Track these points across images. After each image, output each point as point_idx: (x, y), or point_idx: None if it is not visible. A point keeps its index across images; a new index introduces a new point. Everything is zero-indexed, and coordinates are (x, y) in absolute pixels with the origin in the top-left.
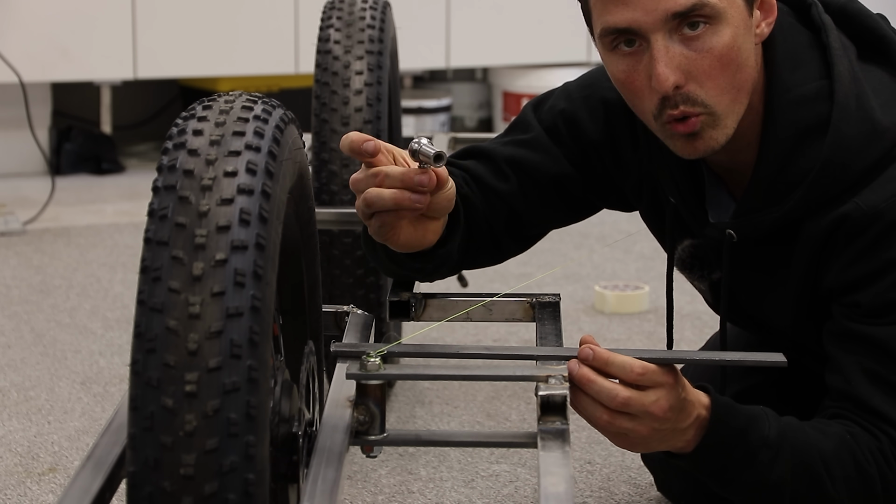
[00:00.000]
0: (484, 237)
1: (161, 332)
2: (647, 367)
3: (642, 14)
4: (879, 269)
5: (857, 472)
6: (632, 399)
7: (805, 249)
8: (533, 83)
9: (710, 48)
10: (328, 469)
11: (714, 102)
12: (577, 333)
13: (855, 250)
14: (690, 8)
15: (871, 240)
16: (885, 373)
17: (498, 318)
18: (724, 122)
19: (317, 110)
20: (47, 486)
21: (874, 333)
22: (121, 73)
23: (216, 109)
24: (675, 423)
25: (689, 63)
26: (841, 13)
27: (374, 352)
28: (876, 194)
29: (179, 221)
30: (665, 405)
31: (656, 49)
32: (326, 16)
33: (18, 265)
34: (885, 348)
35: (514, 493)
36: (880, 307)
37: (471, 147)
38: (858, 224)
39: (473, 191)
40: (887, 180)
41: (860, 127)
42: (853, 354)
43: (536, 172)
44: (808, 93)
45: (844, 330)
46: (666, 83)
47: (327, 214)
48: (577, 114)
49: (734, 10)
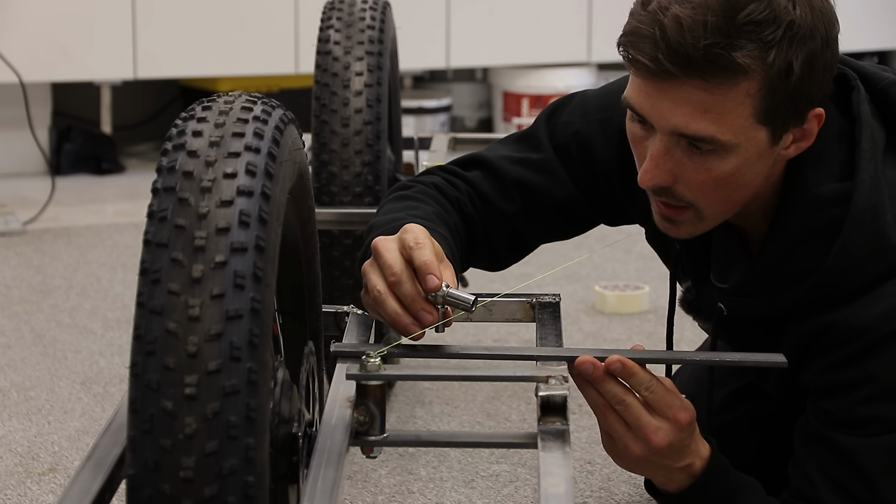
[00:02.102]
0: (483, 249)
1: (161, 335)
2: (658, 387)
3: (656, 117)
4: (854, 381)
5: None
6: (641, 418)
7: (789, 343)
8: (533, 83)
9: (709, 169)
10: (328, 470)
11: (702, 207)
12: (577, 333)
13: (834, 358)
14: (698, 139)
15: (852, 353)
16: (847, 485)
17: (498, 319)
18: (708, 222)
19: (317, 111)
20: (47, 486)
21: (844, 443)
22: (121, 73)
23: (215, 110)
24: (668, 461)
25: (683, 170)
26: (882, 96)
27: (374, 352)
28: (867, 310)
29: (179, 223)
30: (664, 440)
31: (655, 147)
32: (326, 16)
33: (18, 265)
34: (852, 461)
35: (514, 493)
36: (851, 420)
37: (476, 156)
38: (842, 336)
39: (477, 209)
40: (880, 296)
41: (870, 242)
42: (819, 460)
43: (543, 197)
44: (825, 194)
45: (815, 432)
46: (647, 182)
47: (327, 215)
48: (591, 139)
49: (750, 145)
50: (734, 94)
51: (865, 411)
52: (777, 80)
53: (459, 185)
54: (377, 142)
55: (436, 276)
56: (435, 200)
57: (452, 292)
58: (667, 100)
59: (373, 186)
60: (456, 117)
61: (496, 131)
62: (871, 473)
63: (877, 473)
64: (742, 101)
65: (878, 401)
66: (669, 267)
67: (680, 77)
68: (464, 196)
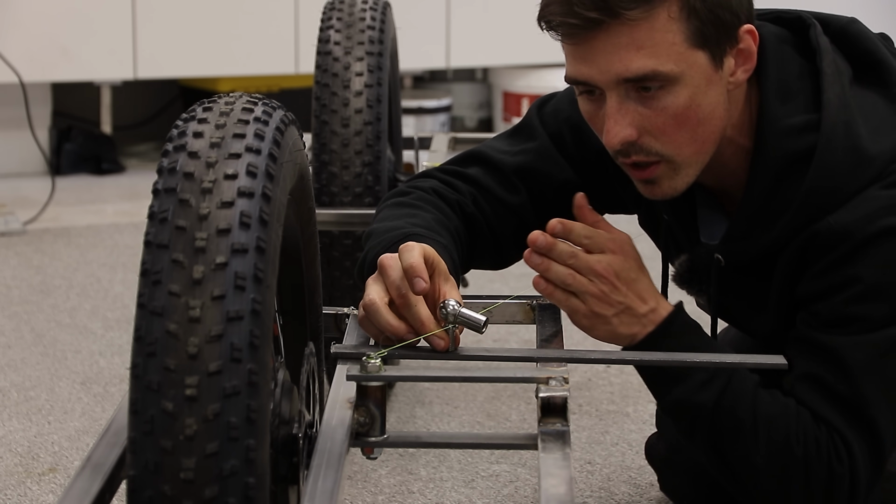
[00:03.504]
0: (487, 248)
1: (161, 336)
2: (593, 232)
3: (597, 72)
4: (840, 283)
5: (783, 446)
6: (578, 255)
7: (782, 272)
8: (533, 83)
9: (665, 107)
10: (328, 471)
11: (672, 153)
12: (578, 334)
13: (821, 266)
14: (641, 77)
15: (837, 257)
16: (829, 382)
17: (498, 321)
18: (684, 171)
19: (317, 112)
20: (47, 486)
21: (828, 342)
22: (121, 73)
23: (216, 111)
24: (627, 300)
25: (643, 119)
26: (841, 34)
27: (375, 353)
28: (849, 214)
29: (180, 224)
30: (609, 269)
31: (609, 106)
32: (326, 16)
33: (18, 265)
34: (834, 357)
35: (514, 494)
36: (837, 319)
37: (474, 152)
38: (828, 241)
39: (480, 206)
40: (862, 200)
41: (846, 155)
42: (804, 359)
43: (545, 181)
44: (796, 124)
45: (801, 335)
46: (613, 140)
47: (327, 216)
48: (582, 123)
49: (693, 71)
50: (658, 23)
51: (850, 311)
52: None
53: (460, 186)
54: (377, 142)
55: (422, 281)
56: (434, 206)
57: (464, 312)
58: (600, 53)
59: (373, 187)
60: (456, 117)
61: (496, 131)
62: (852, 371)
63: (859, 370)
64: (668, 27)
65: (863, 300)
66: (660, 246)
67: (601, 24)
68: (465, 196)
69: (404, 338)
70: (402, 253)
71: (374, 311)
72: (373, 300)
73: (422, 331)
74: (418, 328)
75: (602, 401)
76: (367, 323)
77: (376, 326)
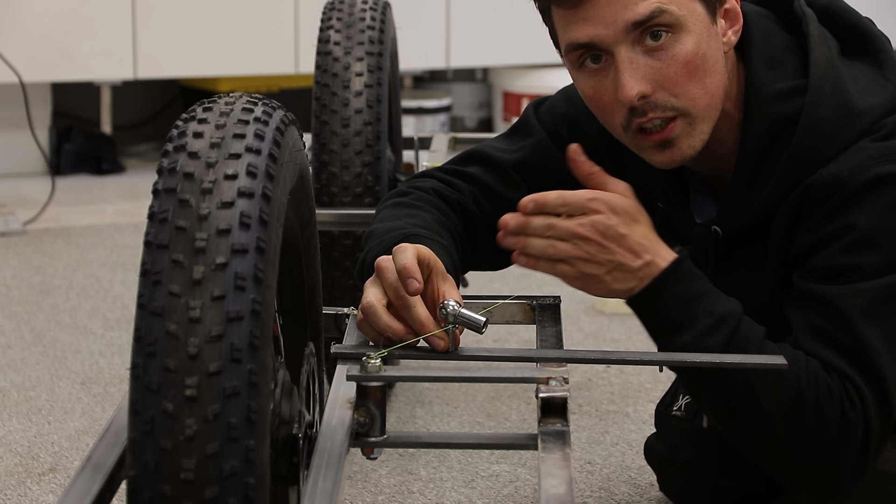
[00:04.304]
0: (488, 248)
1: (161, 336)
2: (568, 196)
3: (603, 27)
4: (834, 233)
5: (794, 393)
6: (554, 224)
7: (778, 231)
8: (533, 83)
9: (674, 56)
10: (328, 471)
11: (687, 106)
12: (577, 334)
13: (816, 217)
14: (649, 16)
15: (831, 207)
16: (832, 330)
17: (498, 321)
18: (699, 126)
19: (317, 112)
20: (47, 486)
21: (825, 293)
22: (121, 73)
23: (216, 111)
24: (616, 257)
25: (655, 73)
26: (824, 11)
27: (375, 353)
28: (840, 165)
29: (180, 225)
30: (590, 228)
31: (620, 61)
32: (326, 17)
33: (18, 265)
34: (833, 307)
35: (514, 494)
36: (833, 269)
37: (472, 152)
38: (821, 193)
39: (481, 205)
40: (854, 152)
41: (835, 111)
42: (804, 313)
43: (543, 176)
44: (784, 88)
45: (799, 291)
46: (631, 93)
47: (327, 216)
48: (578, 118)
49: (695, 18)
50: None
51: (845, 260)
52: None
53: (460, 185)
54: (377, 142)
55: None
56: (434, 206)
57: (464, 312)
58: (603, 6)
59: (373, 187)
60: (456, 117)
61: (496, 131)
62: (852, 320)
63: (857, 318)
64: None
65: (858, 248)
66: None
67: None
68: (465, 195)
69: (404, 338)
70: (395, 254)
71: (371, 314)
72: (370, 303)
73: (421, 331)
74: (417, 329)
75: (602, 401)
76: (365, 326)
77: (375, 329)
